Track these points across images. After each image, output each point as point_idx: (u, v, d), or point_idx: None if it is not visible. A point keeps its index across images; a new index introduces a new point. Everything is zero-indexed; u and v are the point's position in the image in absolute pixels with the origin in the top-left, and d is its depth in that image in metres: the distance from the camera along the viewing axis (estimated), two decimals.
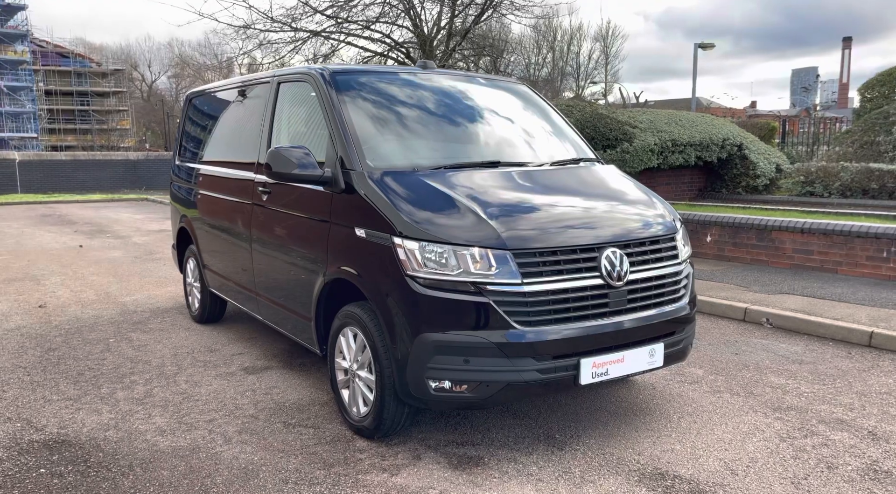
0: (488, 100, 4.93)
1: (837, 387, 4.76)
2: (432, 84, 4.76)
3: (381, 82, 4.61)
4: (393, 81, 4.66)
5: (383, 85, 4.59)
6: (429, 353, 3.45)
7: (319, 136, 4.35)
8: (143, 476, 3.52)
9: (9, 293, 8.12)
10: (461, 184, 3.85)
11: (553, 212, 3.80)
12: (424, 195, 3.73)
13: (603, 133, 12.86)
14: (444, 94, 4.72)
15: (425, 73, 4.87)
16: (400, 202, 3.66)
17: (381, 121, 4.35)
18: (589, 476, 3.50)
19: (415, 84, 4.71)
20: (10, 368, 5.29)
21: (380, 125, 4.32)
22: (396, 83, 4.66)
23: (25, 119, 59.98)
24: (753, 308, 6.52)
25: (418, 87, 4.69)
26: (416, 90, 4.66)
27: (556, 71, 58.95)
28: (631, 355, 3.71)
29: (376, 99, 4.47)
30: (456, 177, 3.95)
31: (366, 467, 3.60)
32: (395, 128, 4.37)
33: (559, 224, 3.72)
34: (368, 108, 4.36)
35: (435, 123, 4.52)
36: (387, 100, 4.50)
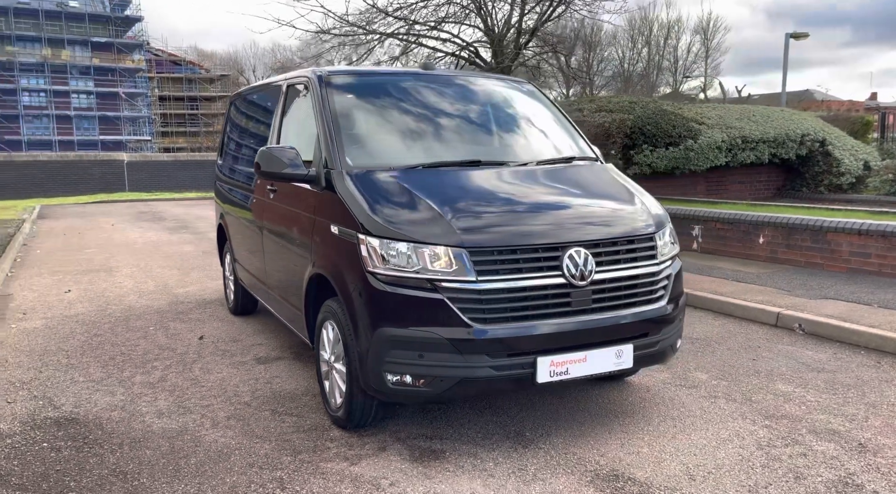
0: (485, 100, 4.97)
1: (847, 397, 4.50)
2: (427, 85, 4.84)
3: (375, 84, 4.75)
4: (387, 83, 4.79)
5: (377, 87, 4.73)
6: (386, 347, 3.55)
7: (315, 137, 4.53)
8: (128, 454, 3.81)
9: (81, 283, 8.84)
10: (431, 184, 3.93)
11: (519, 212, 3.81)
12: (392, 194, 3.83)
13: (665, 130, 12.50)
14: (437, 95, 4.80)
15: (423, 75, 4.96)
16: (368, 200, 3.78)
17: (368, 122, 4.48)
18: (542, 474, 3.50)
19: (409, 86, 4.81)
20: (54, 351, 5.80)
21: (366, 125, 4.46)
22: (390, 85, 4.78)
23: (141, 123, 64.26)
24: (787, 313, 6.21)
25: (413, 89, 4.79)
26: (409, 91, 4.76)
27: (652, 65, 57.33)
28: (595, 355, 3.67)
29: (367, 100, 4.61)
30: (429, 176, 4.03)
31: (331, 455, 3.75)
32: (380, 128, 4.50)
33: (523, 223, 3.73)
34: (356, 109, 4.51)
35: (422, 124, 4.60)
36: (377, 101, 4.64)
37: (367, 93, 4.67)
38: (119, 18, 61.53)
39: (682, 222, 9.71)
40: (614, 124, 11.96)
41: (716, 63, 58.18)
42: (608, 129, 11.85)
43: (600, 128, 11.81)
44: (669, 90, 55.57)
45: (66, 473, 3.59)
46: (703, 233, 9.42)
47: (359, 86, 4.69)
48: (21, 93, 57.94)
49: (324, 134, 4.26)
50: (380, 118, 4.56)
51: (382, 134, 4.48)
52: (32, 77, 58.77)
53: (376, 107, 4.60)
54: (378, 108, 4.60)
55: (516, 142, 4.73)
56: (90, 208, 21.77)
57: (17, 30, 57.19)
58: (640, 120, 12.52)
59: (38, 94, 59.50)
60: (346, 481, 3.46)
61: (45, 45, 58.14)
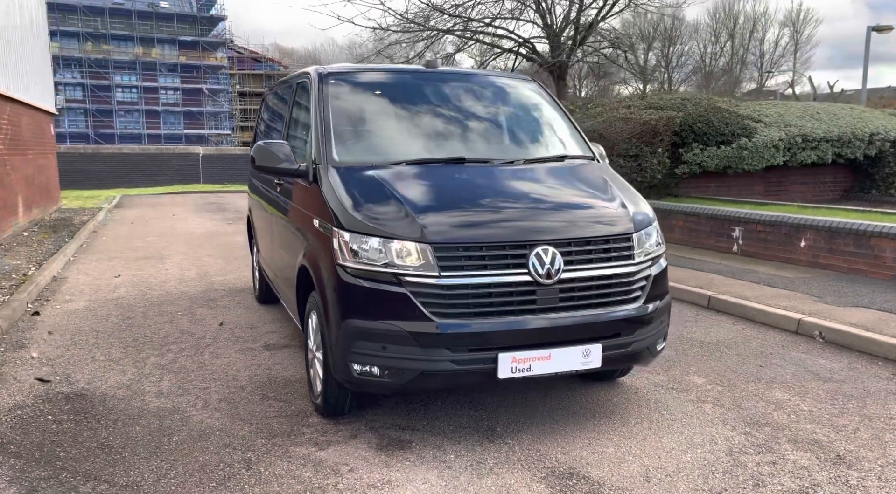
0: (483, 98, 5.00)
1: (845, 408, 4.32)
2: (425, 83, 4.92)
3: (373, 82, 4.86)
4: (385, 81, 4.89)
5: (374, 85, 4.84)
6: (353, 339, 3.66)
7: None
8: (119, 430, 4.06)
9: (132, 268, 9.35)
10: (408, 181, 4.01)
11: (490, 209, 3.85)
12: (368, 190, 3.94)
13: (717, 128, 12.12)
14: (434, 94, 4.86)
15: (422, 73, 5.03)
16: (344, 195, 3.90)
17: (360, 119, 4.60)
18: (498, 468, 3.54)
19: (407, 84, 4.90)
20: (87, 331, 6.19)
21: (358, 122, 4.58)
22: (388, 83, 4.88)
23: (222, 118, 66.79)
24: (808, 320, 5.97)
25: (409, 87, 4.87)
26: (405, 90, 4.85)
27: (736, 60, 55.38)
28: (560, 354, 3.68)
29: (362, 98, 4.73)
30: (409, 173, 4.11)
31: (303, 440, 3.89)
32: (372, 125, 4.60)
33: (493, 220, 3.77)
34: (350, 107, 4.63)
35: (414, 121, 4.68)
36: (372, 99, 4.75)
37: (364, 91, 4.79)
38: (205, 18, 64.10)
39: (721, 224, 9.44)
40: (661, 122, 11.69)
41: (805, 57, 55.66)
42: (654, 127, 11.58)
43: (646, 126, 11.56)
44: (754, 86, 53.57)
45: (60, 444, 3.87)
46: (744, 235, 9.12)
47: (356, 84, 4.80)
48: (115, 89, 61.17)
49: (315, 130, 4.41)
50: (372, 115, 4.67)
51: (373, 131, 4.59)
52: (125, 74, 61.97)
53: (370, 105, 4.72)
54: (372, 106, 4.71)
55: (507, 141, 4.75)
56: (164, 198, 22.85)
57: (111, 29, 60.38)
58: (690, 117, 12.18)
59: (130, 90, 62.68)
60: (308, 465, 3.59)
61: (137, 44, 61.16)
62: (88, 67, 59.55)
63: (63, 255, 10.10)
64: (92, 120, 59.96)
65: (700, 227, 9.84)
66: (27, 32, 15.34)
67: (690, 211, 10.01)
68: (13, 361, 5.35)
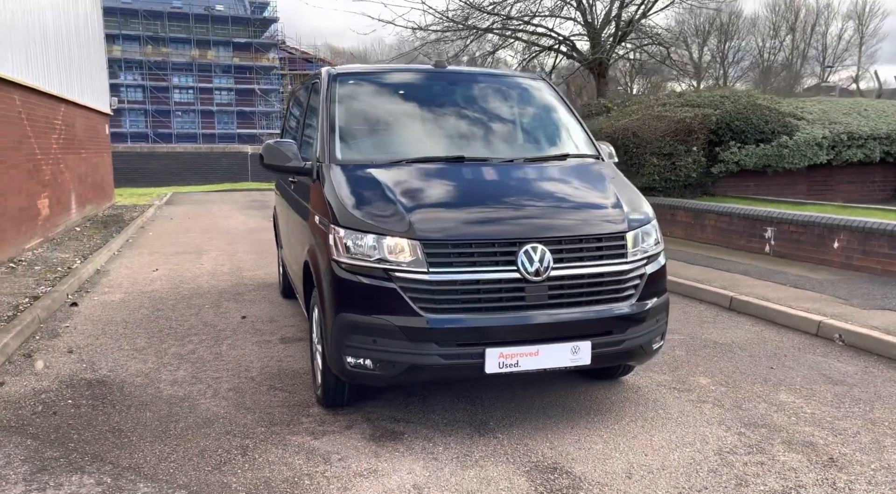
0: (488, 97, 5.05)
1: (850, 412, 4.23)
2: (432, 83, 5.00)
3: (380, 82, 4.97)
4: (392, 81, 5.00)
5: (381, 85, 4.95)
6: (346, 332, 3.77)
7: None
8: (131, 415, 4.27)
9: (170, 263, 9.71)
10: (403, 178, 4.10)
11: (483, 207, 3.91)
12: (365, 187, 4.05)
13: (756, 125, 11.87)
14: (440, 93, 4.95)
15: (430, 72, 5.11)
16: (342, 192, 4.02)
17: (365, 118, 4.71)
18: (483, 461, 3.60)
19: (413, 84, 4.99)
20: (118, 322, 6.49)
21: (363, 121, 4.70)
22: (395, 83, 4.98)
23: (273, 117, 68.12)
24: (828, 322, 5.84)
25: (416, 87, 4.97)
26: (411, 89, 4.95)
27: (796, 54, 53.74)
28: (548, 350, 3.71)
29: (369, 97, 4.84)
30: (405, 171, 4.21)
31: (300, 429, 4.03)
32: (376, 124, 4.71)
33: (484, 217, 3.83)
34: (356, 106, 4.75)
35: (418, 120, 4.77)
36: (379, 98, 4.86)
37: (371, 92, 4.90)
38: (257, 20, 65.52)
39: (753, 224, 9.25)
40: (696, 120, 11.49)
41: (871, 51, 53.67)
42: (689, 125, 11.40)
43: (681, 124, 11.39)
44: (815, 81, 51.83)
45: (74, 427, 4.10)
46: (776, 235, 8.92)
47: (364, 84, 4.92)
48: (172, 90, 63.07)
49: (321, 128, 4.54)
50: (378, 115, 4.77)
51: (377, 130, 4.70)
52: (182, 75, 63.82)
53: (376, 105, 4.83)
54: (377, 106, 4.82)
55: (509, 139, 4.80)
56: (212, 195, 23.51)
57: (170, 32, 62.26)
58: (728, 115, 11.95)
59: (187, 91, 64.53)
60: (301, 453, 3.72)
61: (194, 47, 62.92)
62: (148, 69, 61.56)
63: (108, 250, 10.54)
64: (151, 120, 61.94)
65: (732, 227, 9.66)
66: (81, 38, 16.00)
67: (722, 210, 9.83)
68: (45, 349, 5.65)
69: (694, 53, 49.30)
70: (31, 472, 3.53)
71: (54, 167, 12.80)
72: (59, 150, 13.30)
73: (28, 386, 4.77)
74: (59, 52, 13.52)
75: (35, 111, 11.61)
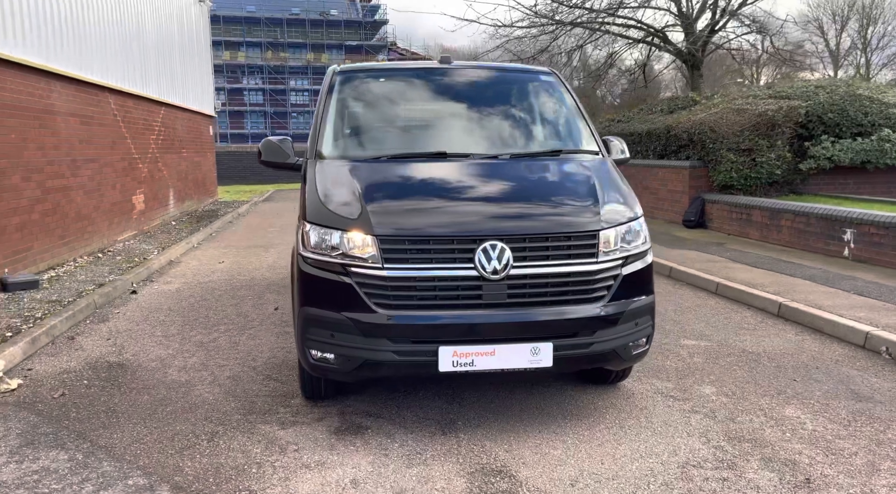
0: (489, 92, 4.95)
1: (858, 431, 3.82)
2: (432, 79, 4.96)
3: (380, 79, 4.98)
4: (392, 78, 5.00)
5: (381, 82, 4.96)
6: (307, 325, 3.82)
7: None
8: (132, 397, 4.53)
9: (238, 256, 10.19)
10: (376, 174, 4.10)
11: (447, 202, 3.85)
12: (336, 183, 4.08)
13: (852, 118, 10.94)
14: (439, 89, 4.90)
15: (432, 69, 5.06)
16: (315, 188, 4.07)
17: (358, 115, 4.75)
18: (432, 461, 3.54)
19: (413, 80, 4.97)
20: (164, 310, 6.89)
21: (357, 118, 4.73)
22: (395, 80, 4.98)
23: None
24: (877, 333, 5.29)
25: (415, 84, 4.94)
26: (411, 86, 4.93)
27: None
28: (505, 350, 3.60)
29: (366, 94, 4.87)
30: (380, 167, 4.21)
31: (273, 419, 4.12)
32: (368, 121, 4.74)
33: (446, 214, 3.76)
34: (351, 103, 4.79)
35: (410, 117, 4.76)
36: (377, 95, 4.88)
37: (369, 89, 4.93)
38: (368, 23, 67.41)
39: (832, 225, 8.52)
40: (780, 113, 10.71)
41: None
42: (772, 118, 10.64)
43: (762, 118, 10.65)
44: None
45: (76, 406, 4.39)
46: (856, 238, 8.17)
47: (364, 81, 4.96)
48: (289, 92, 66.10)
49: (315, 125, 4.62)
50: (371, 112, 4.79)
51: (368, 126, 4.72)
52: (298, 78, 66.74)
53: (371, 102, 4.85)
54: (372, 102, 4.84)
55: (501, 135, 4.68)
56: None
57: (288, 38, 65.28)
58: (820, 107, 11.07)
59: (302, 94, 67.41)
60: (263, 442, 3.81)
61: (309, 51, 65.64)
62: (268, 73, 64.83)
63: (187, 243, 11.20)
64: (270, 121, 65.17)
65: (809, 229, 8.95)
66: (185, 45, 17.07)
67: (799, 210, 9.12)
68: (89, 332, 6.09)
69: (831, 41, 46.07)
70: (20, 445, 3.82)
71: (151, 165, 13.75)
72: (158, 150, 14.28)
73: (58, 366, 5.16)
74: (159, 59, 14.50)
75: (131, 113, 12.52)
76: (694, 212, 11.42)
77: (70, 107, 9.59)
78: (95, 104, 10.65)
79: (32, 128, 8.36)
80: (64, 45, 9.38)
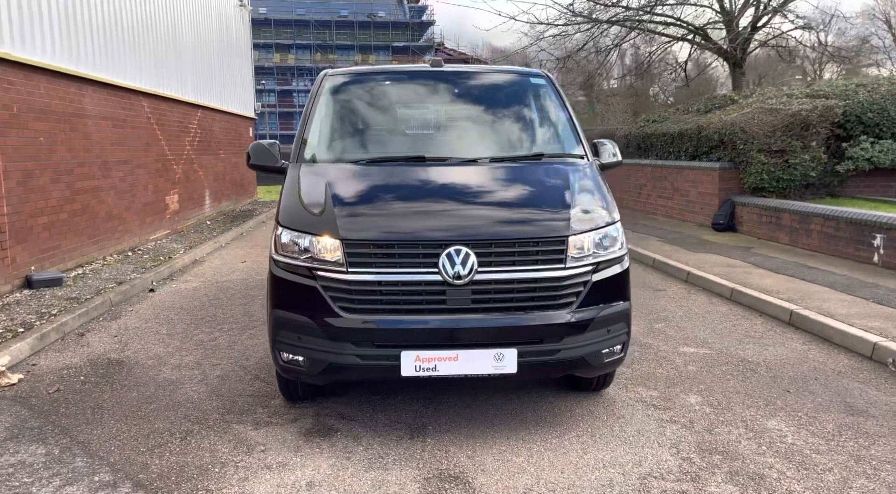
0: (476, 95, 4.91)
1: (840, 446, 3.66)
2: (419, 83, 4.96)
3: (366, 83, 4.99)
4: (378, 82, 5.00)
5: (367, 85, 4.97)
6: (277, 328, 3.85)
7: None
8: (121, 394, 4.64)
9: (261, 255, 10.35)
10: (349, 178, 4.11)
11: (415, 207, 3.83)
12: (310, 187, 4.10)
13: (894, 118, 10.48)
14: (424, 93, 4.90)
15: (420, 72, 5.05)
16: (290, 191, 4.11)
17: (341, 119, 4.76)
18: (392, 465, 3.53)
19: (400, 84, 4.97)
20: (176, 308, 7.05)
21: (338, 122, 4.75)
22: (380, 83, 4.98)
23: None
24: (885, 344, 5.06)
25: (402, 87, 4.94)
26: (397, 90, 4.92)
27: None
28: (469, 356, 3.57)
29: (351, 98, 4.88)
30: (356, 171, 4.22)
31: (249, 419, 4.17)
32: (351, 124, 4.75)
33: (413, 219, 3.75)
34: (336, 106, 4.81)
35: (394, 120, 4.75)
36: (363, 98, 4.89)
37: (357, 92, 4.94)
38: (415, 24, 67.73)
39: (861, 230, 8.18)
40: (815, 112, 10.33)
41: None
42: (806, 119, 10.27)
43: (795, 118, 10.29)
44: None
45: (68, 401, 4.53)
46: (886, 243, 7.82)
47: (350, 85, 4.97)
48: None
49: (300, 128, 4.67)
50: (355, 115, 4.80)
51: (354, 129, 4.73)
52: None
53: (358, 105, 4.86)
54: (359, 106, 4.85)
55: (483, 138, 4.63)
56: None
57: (336, 40, 66.13)
58: (859, 106, 10.64)
59: None
60: (232, 442, 3.86)
61: (357, 52, 66.33)
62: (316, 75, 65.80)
63: (215, 242, 11.45)
64: None
65: (839, 233, 8.61)
66: (224, 50, 17.46)
67: (829, 214, 8.78)
68: (99, 329, 6.28)
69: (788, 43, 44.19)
70: (3, 439, 3.95)
71: (186, 166, 14.10)
72: (193, 151, 14.63)
73: (61, 362, 5.33)
74: (196, 63, 14.86)
75: (166, 116, 12.86)
76: (724, 215, 11.12)
77: (101, 111, 9.91)
78: (128, 107, 10.98)
79: (62, 132, 8.67)
80: (95, 50, 9.70)
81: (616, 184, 14.70)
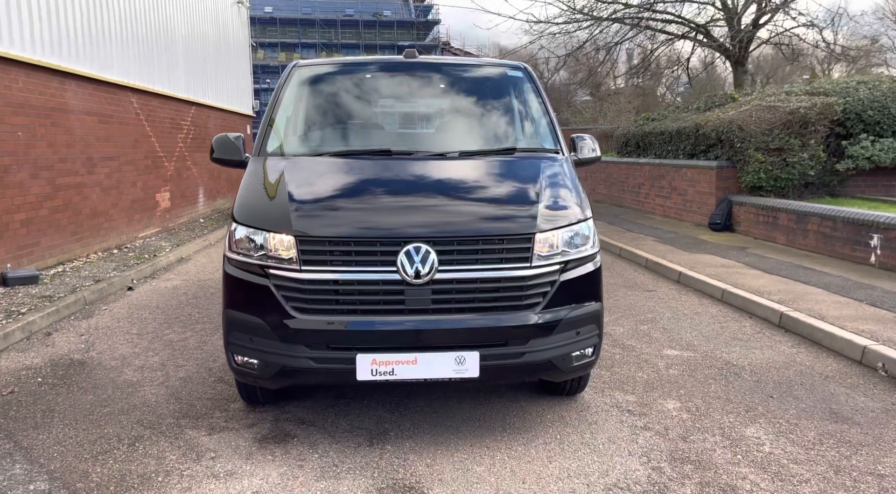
0: (448, 88, 4.71)
1: (820, 455, 3.45)
2: (389, 75, 4.76)
3: (338, 74, 4.80)
4: (349, 73, 4.81)
5: (339, 76, 4.78)
6: (229, 328, 3.67)
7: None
8: (76, 396, 4.46)
9: None
10: (309, 172, 3.93)
11: (375, 202, 3.64)
12: (268, 181, 3.91)
13: (895, 116, 10.22)
14: (395, 85, 4.71)
15: (391, 64, 4.85)
16: (247, 185, 3.93)
17: (307, 111, 4.57)
18: (345, 474, 3.34)
19: (369, 76, 4.77)
20: (151, 307, 6.88)
21: (305, 114, 4.56)
22: (351, 75, 4.79)
23: None
24: (875, 347, 4.84)
25: (370, 80, 4.74)
26: (366, 82, 4.73)
27: None
28: (427, 359, 3.37)
29: (321, 90, 4.69)
30: (316, 163, 4.04)
31: (203, 424, 3.98)
32: (316, 116, 4.56)
33: (371, 214, 3.55)
34: (302, 99, 4.62)
35: (362, 113, 4.56)
36: (331, 91, 4.69)
37: (326, 83, 4.75)
38: (421, 23, 67.53)
39: (858, 229, 7.95)
40: (814, 110, 10.08)
41: None
42: (804, 116, 10.03)
43: (793, 116, 10.05)
44: None
45: (20, 404, 4.35)
46: (884, 244, 7.59)
47: (322, 76, 4.78)
48: None
49: (264, 120, 4.49)
50: (322, 107, 4.61)
51: (317, 122, 4.54)
52: None
53: (326, 97, 4.67)
54: (327, 98, 4.66)
55: (454, 132, 4.44)
56: None
57: (342, 38, 66.02)
58: (859, 103, 10.40)
59: None
60: (182, 449, 3.67)
61: (362, 51, 66.18)
62: None
63: (203, 240, 11.30)
64: None
65: (836, 233, 8.37)
66: (220, 47, 17.30)
67: (826, 213, 8.55)
68: (68, 329, 6.11)
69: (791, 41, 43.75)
70: None
71: (179, 163, 13.94)
72: (187, 148, 14.47)
73: (22, 363, 5.16)
74: (189, 60, 14.70)
75: (156, 112, 12.70)
76: (720, 215, 10.89)
77: (86, 106, 9.75)
78: (115, 103, 10.82)
79: (42, 126, 8.51)
80: (79, 45, 9.54)
81: (615, 183, 14.48)
